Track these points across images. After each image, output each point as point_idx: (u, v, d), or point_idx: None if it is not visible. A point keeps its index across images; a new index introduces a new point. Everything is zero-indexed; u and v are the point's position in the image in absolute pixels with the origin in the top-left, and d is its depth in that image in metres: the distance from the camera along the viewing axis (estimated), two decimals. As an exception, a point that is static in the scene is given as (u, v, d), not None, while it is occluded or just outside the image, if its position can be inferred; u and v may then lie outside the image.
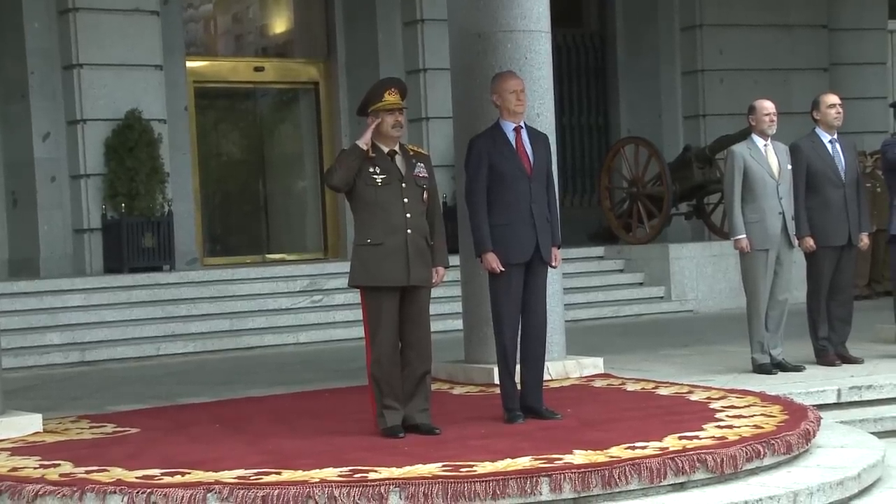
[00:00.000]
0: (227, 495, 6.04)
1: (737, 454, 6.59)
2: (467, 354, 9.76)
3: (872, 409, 8.78)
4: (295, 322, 13.82)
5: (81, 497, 6.22)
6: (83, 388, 10.56)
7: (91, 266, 14.91)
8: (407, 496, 5.96)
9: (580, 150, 19.05)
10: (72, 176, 15.17)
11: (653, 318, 14.90)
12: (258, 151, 17.93)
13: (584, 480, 6.14)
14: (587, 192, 18.60)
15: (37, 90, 15.11)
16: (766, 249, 9.42)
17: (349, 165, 7.28)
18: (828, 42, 19.16)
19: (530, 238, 7.71)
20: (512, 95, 7.79)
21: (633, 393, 8.81)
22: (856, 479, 6.79)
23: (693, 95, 18.53)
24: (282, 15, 18.37)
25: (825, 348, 9.84)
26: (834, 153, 9.79)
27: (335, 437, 7.34)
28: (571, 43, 18.85)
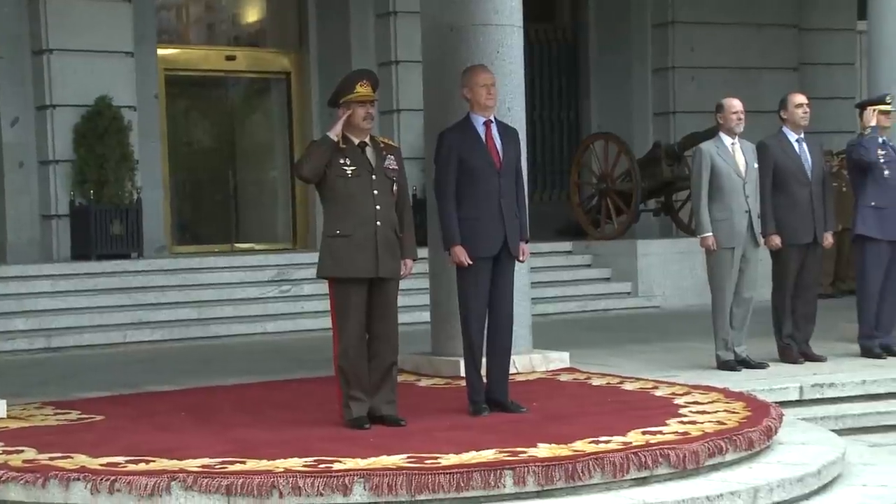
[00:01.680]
0: (192, 484, 6.03)
1: (699, 450, 6.61)
2: (434, 346, 9.78)
3: (834, 406, 8.84)
4: (263, 312, 13.82)
5: (45, 484, 6.20)
6: (48, 374, 10.52)
7: (58, 252, 14.88)
8: (371, 487, 5.97)
9: (550, 145, 19.09)
10: (40, 161, 15.14)
11: (619, 313, 14.95)
12: (228, 140, 17.91)
13: (548, 474, 6.16)
14: (556, 187, 18.65)
15: (6, 75, 15.06)
16: (732, 248, 9.46)
17: (319, 156, 7.28)
18: (798, 42, 19.27)
19: (498, 232, 7.71)
20: (483, 89, 7.79)
21: (599, 387, 8.85)
22: (816, 475, 6.82)
23: (663, 92, 18.60)
24: (254, 4, 18.35)
25: (789, 346, 9.89)
26: (801, 152, 9.84)
27: (301, 427, 7.34)
28: (544, 38, 18.88)
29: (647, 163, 16.48)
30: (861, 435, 8.45)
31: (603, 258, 16.06)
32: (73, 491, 6.14)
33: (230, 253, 16.35)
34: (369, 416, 7.28)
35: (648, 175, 16.35)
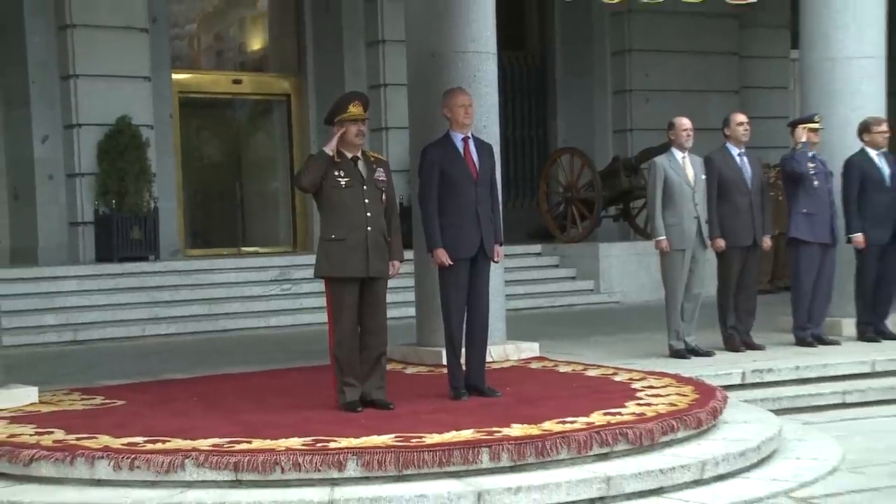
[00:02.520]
0: (203, 461, 6.03)
1: (654, 428, 6.63)
2: (419, 338, 9.77)
3: (771, 389, 8.87)
4: (266, 308, 13.80)
5: (72, 461, 6.19)
6: (75, 364, 10.49)
7: (84, 255, 14.85)
8: (363, 463, 5.97)
9: (522, 158, 19.11)
10: (68, 175, 15.12)
11: (583, 308, 14.95)
12: (235, 155, 17.89)
13: (520, 451, 6.16)
14: (527, 196, 18.65)
15: (37, 98, 15.11)
16: (682, 249, 9.47)
17: (316, 169, 7.27)
18: (739, 68, 19.33)
19: (475, 236, 7.71)
20: (461, 109, 7.80)
21: (565, 374, 8.85)
22: (756, 450, 6.86)
23: (622, 112, 18.63)
24: (258, 34, 18.33)
25: (732, 336, 9.91)
26: (742, 165, 9.86)
27: (300, 410, 7.33)
28: (515, 64, 18.89)
29: (608, 174, 16.52)
30: (795, 414, 8.46)
31: (569, 259, 16.08)
32: (98, 468, 6.13)
33: (237, 255, 16.34)
34: (361, 401, 7.27)
35: (609, 185, 16.39)
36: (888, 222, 10.34)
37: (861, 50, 10.80)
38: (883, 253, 10.40)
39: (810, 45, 11.08)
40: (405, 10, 10.06)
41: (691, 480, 6.34)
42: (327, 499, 5.78)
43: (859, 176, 10.30)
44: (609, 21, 18.39)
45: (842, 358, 9.51)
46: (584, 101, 19.02)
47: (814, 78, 11.01)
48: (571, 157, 16.85)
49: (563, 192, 16.86)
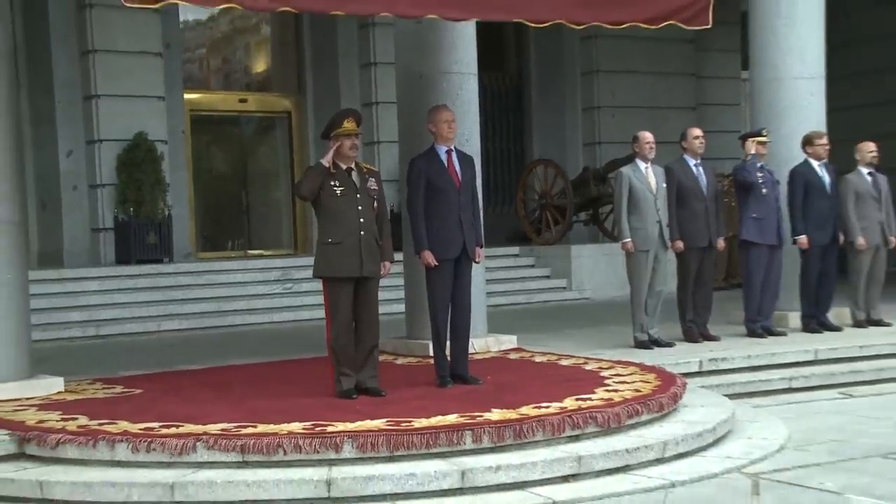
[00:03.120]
0: (213, 444, 6.02)
1: (620, 412, 6.64)
2: (408, 332, 9.76)
3: (726, 376, 8.87)
4: (270, 305, 13.78)
5: (95, 444, 6.18)
6: (97, 356, 10.46)
7: (105, 258, 14.84)
8: (357, 445, 5.97)
9: (501, 169, 19.10)
10: (90, 185, 15.12)
11: (557, 304, 14.96)
12: (241, 167, 17.89)
13: (500, 433, 6.17)
14: (506, 202, 18.64)
15: (62, 116, 15.14)
16: (646, 250, 9.49)
17: (314, 179, 7.27)
18: (695, 87, 19.37)
19: (458, 239, 7.72)
20: (445, 124, 7.79)
21: (540, 363, 8.85)
22: (712, 431, 6.88)
23: (590, 127, 18.65)
24: (262, 57, 18.32)
25: (691, 328, 9.93)
26: (698, 174, 9.87)
27: (300, 398, 7.32)
28: (495, 83, 18.89)
29: (579, 183, 16.54)
30: (746, 398, 8.48)
31: (543, 260, 16.09)
32: (118, 450, 6.13)
33: (243, 258, 16.31)
34: (356, 389, 7.27)
35: (579, 193, 16.40)
36: (828, 225, 10.39)
37: (804, 71, 10.84)
38: (824, 253, 10.45)
39: (759, 67, 11.11)
40: (395, 36, 10.05)
41: (654, 459, 6.35)
42: (325, 478, 5.78)
43: (803, 184, 10.34)
44: (579, 45, 18.40)
45: (788, 347, 9.53)
46: (557, 117, 19.04)
47: (762, 96, 11.04)
48: (546, 168, 16.88)
49: (538, 200, 16.89)
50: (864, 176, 10.69)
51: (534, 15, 7.59)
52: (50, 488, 5.97)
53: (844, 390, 9.01)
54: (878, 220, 10.63)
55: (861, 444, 7.04)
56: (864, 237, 10.55)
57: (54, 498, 5.94)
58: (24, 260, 8.09)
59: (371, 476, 5.79)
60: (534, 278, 15.81)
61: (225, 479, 5.80)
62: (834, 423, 7.78)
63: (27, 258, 8.41)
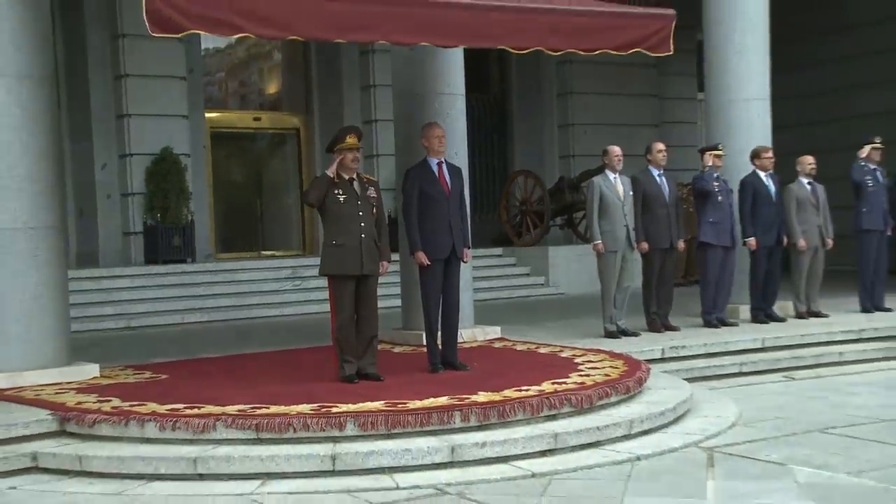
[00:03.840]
0: (231, 423, 6.03)
1: (592, 394, 6.66)
2: (404, 323, 9.76)
3: (685, 362, 8.90)
4: (281, 300, 13.75)
5: (126, 423, 6.19)
6: (129, 346, 10.44)
7: (135, 259, 14.82)
8: (359, 424, 5.98)
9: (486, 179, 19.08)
10: (122, 194, 15.11)
11: (535, 299, 14.96)
12: (256, 177, 17.85)
13: (485, 413, 6.19)
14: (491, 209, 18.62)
15: (97, 133, 15.11)
16: (615, 251, 9.50)
17: (320, 188, 7.27)
18: (658, 106, 19.41)
19: (448, 241, 7.71)
20: (436, 139, 7.80)
21: (521, 352, 8.86)
22: (672, 410, 6.91)
23: (566, 141, 18.67)
24: (274, 80, 18.29)
25: (654, 320, 9.94)
26: (661, 184, 9.89)
27: (308, 382, 7.31)
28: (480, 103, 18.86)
29: (555, 192, 16.55)
30: (703, 382, 8.50)
31: (524, 259, 16.09)
32: (147, 428, 6.14)
33: (257, 258, 16.28)
34: (357, 374, 7.27)
35: (555, 200, 16.42)
36: (774, 229, 10.44)
37: (752, 93, 10.88)
38: (770, 253, 10.49)
39: (714, 90, 11.15)
40: (392, 61, 10.06)
41: (622, 435, 6.38)
42: (330, 453, 5.79)
43: (752, 192, 10.37)
44: (555, 69, 18.42)
45: (739, 336, 9.56)
46: (536, 133, 19.05)
47: (717, 115, 11.08)
48: (525, 178, 16.89)
49: (519, 206, 16.88)
50: (805, 185, 10.73)
51: (515, 42, 7.60)
52: (87, 462, 5.98)
53: (788, 374, 9.04)
54: (817, 225, 10.70)
55: (802, 421, 7.08)
56: (804, 239, 10.61)
57: (91, 470, 5.95)
58: (62, 260, 8.07)
59: (371, 451, 5.80)
60: (515, 276, 15.81)
61: (241, 455, 5.81)
62: (778, 402, 7.81)
63: (66, 259, 8.39)
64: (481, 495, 5.38)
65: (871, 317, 10.64)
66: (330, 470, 5.73)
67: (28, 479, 5.98)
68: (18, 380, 7.51)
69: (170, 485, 5.71)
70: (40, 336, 7.74)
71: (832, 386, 8.51)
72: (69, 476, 5.97)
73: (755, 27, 10.92)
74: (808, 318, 10.65)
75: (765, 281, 10.50)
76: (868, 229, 11.02)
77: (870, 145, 11.14)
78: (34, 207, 7.70)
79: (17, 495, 5.72)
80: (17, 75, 7.62)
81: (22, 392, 7.23)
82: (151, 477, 5.80)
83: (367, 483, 5.61)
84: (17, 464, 6.07)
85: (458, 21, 7.31)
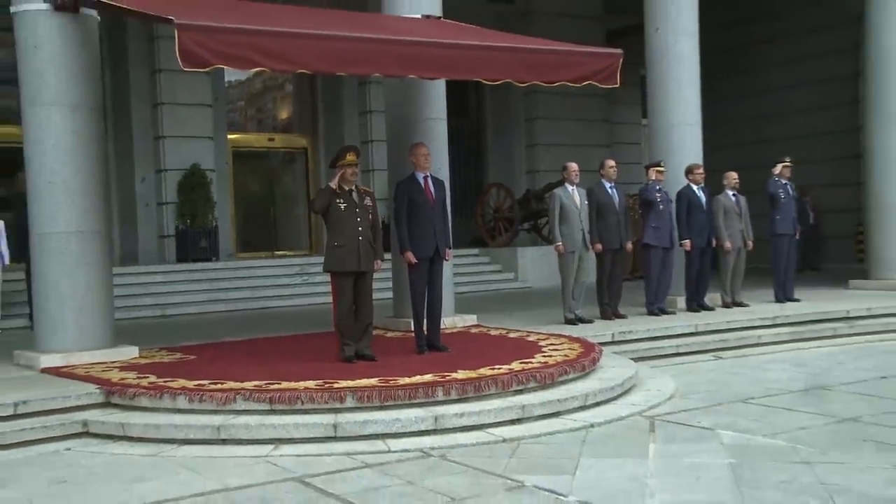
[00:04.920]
0: (248, 396, 6.02)
1: (554, 372, 6.67)
2: (395, 312, 9.74)
3: (631, 345, 8.91)
4: (291, 292, 13.70)
5: (161, 396, 6.18)
6: (163, 331, 10.39)
7: (168, 258, 14.75)
8: (357, 398, 5.97)
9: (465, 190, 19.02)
10: (158, 203, 15.05)
11: (507, 292, 14.96)
12: (270, 190, 17.79)
13: (464, 388, 6.19)
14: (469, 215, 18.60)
15: (138, 152, 15.10)
16: (573, 251, 9.50)
17: (324, 198, 7.26)
18: (609, 130, 19.43)
19: (432, 243, 7.71)
20: (422, 157, 7.79)
21: (494, 336, 8.85)
22: (621, 385, 6.92)
23: (532, 159, 18.67)
24: (286, 106, 18.24)
25: (606, 309, 9.93)
26: (612, 194, 9.89)
27: (314, 362, 7.31)
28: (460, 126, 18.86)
29: (523, 201, 16.57)
30: (647, 361, 8.51)
31: (496, 258, 16.09)
32: (178, 401, 6.13)
33: (271, 257, 16.22)
34: (356, 355, 7.26)
35: (523, 208, 16.43)
36: (704, 233, 10.47)
37: (686, 119, 10.92)
38: (702, 253, 10.52)
39: (655, 116, 11.18)
40: (385, 90, 10.04)
41: (578, 406, 6.39)
42: (332, 422, 5.78)
43: (686, 202, 10.39)
44: (523, 98, 18.42)
45: (676, 323, 9.57)
46: (507, 152, 19.05)
47: (657, 137, 11.11)
48: (498, 190, 16.89)
49: (493, 213, 16.89)
50: (730, 197, 10.78)
51: (489, 75, 7.62)
52: (129, 428, 5.98)
53: (716, 354, 9.07)
54: (740, 230, 10.76)
55: (727, 393, 7.11)
56: (730, 242, 10.65)
57: (132, 435, 5.95)
58: (108, 259, 8.07)
59: (367, 421, 5.79)
60: (489, 272, 15.81)
61: (258, 423, 5.80)
62: (708, 378, 7.84)
63: (111, 258, 8.36)
64: (460, 457, 5.39)
65: (784, 306, 10.69)
66: (332, 436, 5.73)
67: (80, 442, 6.00)
68: (72, 359, 7.51)
69: (197, 448, 5.70)
70: (89, 323, 7.74)
71: (752, 364, 8.55)
72: (114, 440, 5.96)
73: (689, 64, 10.95)
74: (733, 308, 10.69)
75: (697, 277, 10.53)
76: (781, 234, 11.12)
77: (781, 163, 11.25)
78: (84, 215, 7.70)
79: (72, 455, 5.76)
80: (71, 105, 7.65)
81: (74, 369, 7.22)
82: (182, 441, 5.79)
83: (364, 447, 5.61)
84: (71, 429, 6.08)
85: (440, 57, 7.34)
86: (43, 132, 7.60)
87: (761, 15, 18.39)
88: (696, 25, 11.03)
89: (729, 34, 18.38)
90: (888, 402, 6.61)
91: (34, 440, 5.93)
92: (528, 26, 16.98)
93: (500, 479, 4.91)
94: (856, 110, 16.36)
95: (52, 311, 7.67)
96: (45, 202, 7.63)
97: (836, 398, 6.82)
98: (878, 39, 12.51)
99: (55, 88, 7.59)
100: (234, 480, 5.05)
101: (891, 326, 10.11)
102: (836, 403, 6.62)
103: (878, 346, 9.45)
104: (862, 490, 4.55)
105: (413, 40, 7.31)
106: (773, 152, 12.68)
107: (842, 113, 17.19)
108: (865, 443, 5.47)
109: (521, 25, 16.59)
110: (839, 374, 7.87)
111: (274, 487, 4.91)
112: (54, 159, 7.60)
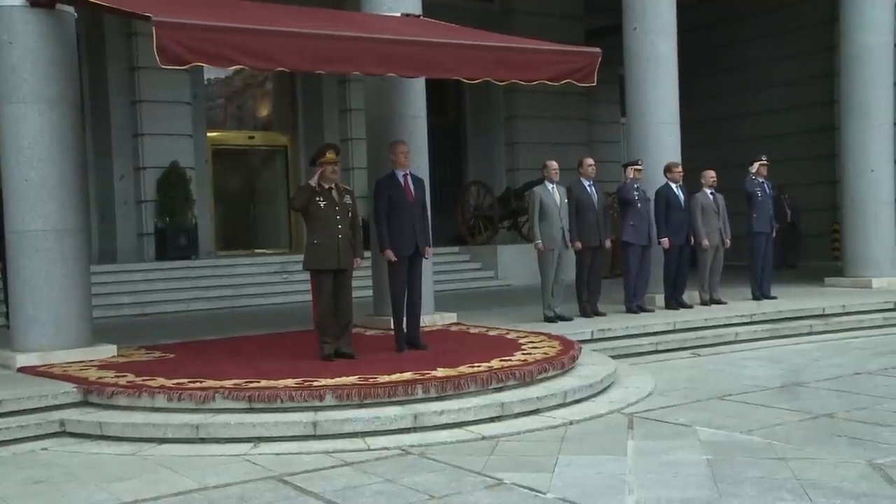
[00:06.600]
0: (228, 395, 5.99)
1: (533, 369, 6.68)
2: (375, 310, 9.72)
3: (610, 342, 8.93)
4: (271, 290, 13.62)
5: (139, 395, 6.14)
6: (141, 329, 10.31)
7: (147, 255, 14.63)
8: (336, 395, 5.95)
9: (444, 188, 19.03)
10: (136, 201, 14.92)
11: (487, 290, 14.96)
12: (250, 187, 17.71)
13: (443, 385, 6.19)
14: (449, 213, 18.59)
15: (116, 149, 14.90)
16: (552, 249, 9.52)
17: (304, 196, 7.23)
18: (587, 128, 19.47)
19: (412, 240, 7.71)
20: (402, 155, 7.79)
21: (474, 334, 8.86)
22: (600, 382, 6.94)
23: (511, 157, 18.67)
24: (266, 104, 18.15)
25: (585, 307, 9.95)
26: (591, 193, 9.92)
27: (294, 360, 7.28)
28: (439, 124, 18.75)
29: (502, 199, 16.57)
30: (625, 359, 8.53)
31: (476, 256, 16.08)
32: (157, 399, 6.09)
33: (251, 255, 16.14)
34: (335, 353, 7.24)
35: (503, 206, 16.44)
36: (683, 231, 10.53)
37: (664, 118, 10.95)
38: (680, 251, 10.57)
39: (633, 115, 11.21)
40: (365, 89, 10.01)
41: (558, 404, 6.40)
42: (312, 420, 5.76)
43: (664, 201, 10.44)
44: (502, 96, 18.42)
45: (655, 320, 9.61)
46: (487, 150, 19.04)
47: (636, 136, 11.14)
48: (478, 188, 16.90)
49: (473, 211, 16.89)
50: (708, 195, 10.84)
51: (468, 73, 7.61)
52: (107, 427, 5.93)
53: (694, 351, 9.11)
54: (718, 228, 10.82)
55: (705, 390, 7.15)
56: (708, 240, 10.71)
57: (110, 434, 5.90)
58: (86, 257, 8.00)
59: (347, 419, 5.78)
60: (469, 270, 15.80)
61: (237, 421, 5.78)
62: (686, 375, 7.88)
63: (89, 256, 8.30)
64: (439, 455, 5.38)
65: (761, 304, 10.77)
66: (312, 434, 5.71)
67: (57, 441, 5.94)
68: (49, 358, 7.44)
69: (176, 447, 5.67)
70: (67, 322, 7.66)
71: (729, 361, 8.60)
72: (91, 439, 5.91)
73: (667, 63, 11.00)
74: (711, 305, 10.75)
75: (675, 274, 10.59)
76: (758, 231, 11.19)
77: (758, 162, 11.32)
78: (61, 213, 7.63)
79: (49, 455, 5.70)
80: (49, 102, 7.58)
81: (52, 368, 7.15)
82: (160, 440, 5.75)
83: (343, 445, 5.59)
84: (48, 429, 6.02)
85: (419, 55, 7.33)
86: (19, 129, 7.53)
87: (738, 15, 18.52)
88: (674, 25, 11.08)
89: (707, 34, 18.49)
90: (861, 397, 6.67)
91: (10, 440, 5.87)
92: (508, 25, 16.99)
93: (480, 477, 4.91)
94: (831, 110, 16.51)
95: (29, 309, 7.60)
96: (22, 200, 7.56)
97: (812, 394, 6.88)
98: (852, 40, 12.64)
99: (31, 85, 7.52)
100: (213, 479, 5.03)
101: (865, 323, 10.21)
102: (812, 400, 6.67)
103: (853, 342, 9.54)
104: (835, 485, 4.59)
105: (393, 38, 7.29)
106: (750, 151, 12.77)
107: (817, 112, 17.34)
108: (839, 438, 5.52)
109: (501, 24, 16.59)
110: (814, 370, 7.93)
111: (253, 486, 4.89)
112: (31, 156, 7.54)
